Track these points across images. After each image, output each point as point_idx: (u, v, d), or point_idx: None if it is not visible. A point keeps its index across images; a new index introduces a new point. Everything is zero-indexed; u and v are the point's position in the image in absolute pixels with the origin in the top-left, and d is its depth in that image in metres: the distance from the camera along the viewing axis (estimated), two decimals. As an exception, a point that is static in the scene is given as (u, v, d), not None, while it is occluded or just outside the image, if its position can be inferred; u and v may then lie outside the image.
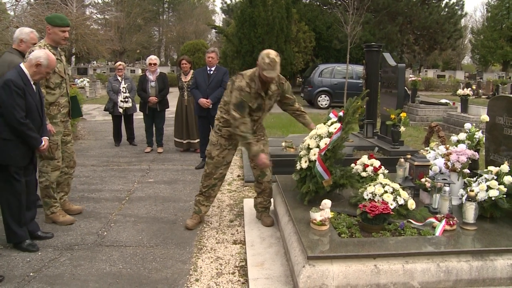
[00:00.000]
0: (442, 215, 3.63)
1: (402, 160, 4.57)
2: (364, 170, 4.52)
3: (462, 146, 4.35)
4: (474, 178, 4.08)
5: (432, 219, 3.58)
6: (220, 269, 3.95)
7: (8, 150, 4.01)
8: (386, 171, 4.53)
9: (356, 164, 4.64)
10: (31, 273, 3.85)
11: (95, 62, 46.62)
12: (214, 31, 50.70)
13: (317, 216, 3.50)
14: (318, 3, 30.72)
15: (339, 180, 4.10)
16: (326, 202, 3.55)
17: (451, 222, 3.49)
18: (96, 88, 23.96)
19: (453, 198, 3.97)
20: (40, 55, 4.14)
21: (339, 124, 4.10)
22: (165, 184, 6.67)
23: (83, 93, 18.60)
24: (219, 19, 62.54)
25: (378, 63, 8.27)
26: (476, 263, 3.16)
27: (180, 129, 8.84)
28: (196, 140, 8.66)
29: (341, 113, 4.22)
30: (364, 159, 4.62)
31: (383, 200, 3.68)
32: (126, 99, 9.17)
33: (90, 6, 41.75)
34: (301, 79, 28.86)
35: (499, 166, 3.97)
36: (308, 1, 31.10)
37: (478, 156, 4.45)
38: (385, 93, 7.91)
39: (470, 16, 54.74)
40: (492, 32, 40.99)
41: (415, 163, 4.38)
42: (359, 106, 4.22)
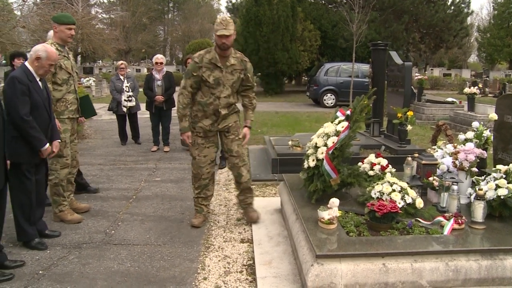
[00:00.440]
0: (451, 214, 3.62)
1: (410, 158, 4.56)
2: (372, 168, 4.52)
3: (470, 145, 4.33)
4: (483, 177, 4.07)
5: (440, 218, 3.57)
6: (228, 267, 3.96)
7: (18, 147, 4.04)
8: (394, 170, 4.52)
9: (363, 163, 4.64)
10: (40, 271, 3.87)
11: (101, 61, 46.73)
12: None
13: (325, 214, 3.50)
14: (324, 2, 30.67)
15: (346, 179, 4.10)
16: (334, 201, 3.55)
17: (459, 221, 3.48)
18: (102, 87, 24.03)
19: (461, 197, 3.96)
20: (38, 48, 4.19)
21: (346, 123, 4.10)
22: (172, 183, 6.68)
23: (89, 92, 18.65)
24: (224, 18, 62.43)
25: (384, 61, 8.26)
26: (485, 262, 3.14)
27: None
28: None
29: (348, 112, 4.21)
30: (371, 157, 4.62)
31: (391, 198, 3.67)
32: (129, 98, 9.20)
33: (96, 6, 41.91)
34: (306, 78, 28.83)
35: (507, 165, 3.96)
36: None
37: (486, 154, 4.43)
38: (391, 92, 7.90)
39: (476, 14, 54.52)
40: (499, 30, 40.74)
41: (423, 162, 4.37)
42: (367, 104, 4.21)
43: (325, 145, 4.05)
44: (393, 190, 3.75)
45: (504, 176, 3.83)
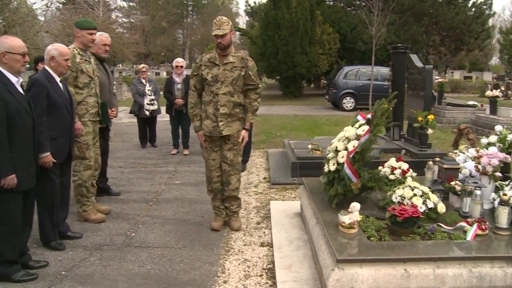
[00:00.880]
0: (474, 219, 3.56)
1: (431, 162, 4.51)
2: (392, 173, 4.47)
3: (493, 149, 4.27)
4: (507, 182, 4.01)
5: (463, 223, 3.51)
6: (248, 271, 3.96)
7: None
8: (414, 174, 4.47)
9: (384, 167, 4.59)
10: (63, 272, 3.94)
11: (121, 65, 47.21)
12: (238, 33, 50.87)
13: (346, 219, 3.48)
14: (342, 5, 30.53)
15: (367, 183, 4.08)
16: (355, 205, 3.53)
17: (483, 226, 3.42)
18: (122, 91, 24.27)
19: (485, 202, 3.90)
20: (49, 49, 4.30)
21: (367, 127, 4.07)
22: (191, 186, 6.72)
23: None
24: (242, 22, 62.72)
25: (404, 64, 8.19)
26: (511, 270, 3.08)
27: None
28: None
29: (369, 115, 4.19)
30: (392, 161, 4.57)
31: (412, 203, 3.63)
32: (152, 102, 9.29)
33: (116, 10, 42.39)
34: (325, 81, 28.74)
35: (532, 170, 3.89)
36: (332, 2, 30.94)
37: (510, 159, 4.36)
38: (411, 95, 7.83)
39: (499, 16, 53.49)
40: (522, 32, 40.09)
41: (444, 166, 4.32)
42: (388, 108, 4.18)
43: (346, 149, 4.03)
44: (415, 195, 3.71)
45: (528, 181, 3.77)
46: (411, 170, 4.45)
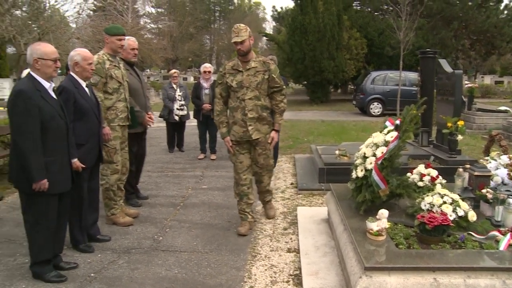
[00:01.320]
0: (506, 228, 3.49)
1: (461, 169, 4.43)
2: (421, 179, 4.40)
3: (526, 156, 4.18)
4: (541, 190, 3.92)
5: (495, 233, 3.44)
6: (275, 277, 3.96)
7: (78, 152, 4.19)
8: (444, 181, 4.40)
9: (412, 174, 4.54)
10: (92, 274, 4.00)
11: (149, 70, 47.87)
12: (265, 38, 51.00)
13: (374, 226, 3.45)
14: (370, 10, 30.33)
15: (395, 190, 4.03)
16: (383, 212, 3.49)
17: (516, 236, 3.35)
18: (150, 96, 24.56)
19: (517, 211, 3.81)
20: (71, 55, 4.35)
21: (396, 133, 4.04)
22: (218, 190, 6.75)
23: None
24: (269, 27, 63.03)
25: (433, 69, 8.08)
26: (546, 282, 2.97)
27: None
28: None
29: (397, 122, 4.15)
30: (420, 168, 4.51)
31: (441, 211, 3.58)
32: (181, 107, 9.39)
33: (145, 16, 43.08)
34: (353, 87, 28.56)
35: None
36: (359, 7, 30.78)
37: (544, 166, 4.26)
38: (441, 101, 7.73)
39: (531, 19, 52.32)
40: (556, 35, 39.00)
41: (475, 173, 4.24)
42: (416, 114, 4.14)
43: (374, 155, 4.01)
44: (444, 202, 3.66)
45: None
46: (440, 177, 4.39)
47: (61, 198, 3.89)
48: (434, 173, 4.38)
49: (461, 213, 3.58)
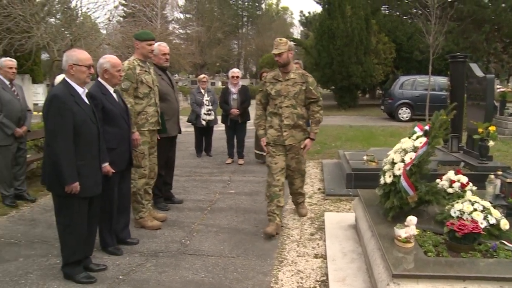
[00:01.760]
0: (540, 237, 3.41)
1: (493, 176, 4.35)
2: (451, 186, 4.34)
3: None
4: None
5: (529, 241, 3.37)
6: (301, 282, 3.95)
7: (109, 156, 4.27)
8: (474, 188, 4.32)
9: (441, 180, 4.48)
10: (120, 276, 4.07)
11: (177, 75, 48.36)
12: (292, 43, 50.93)
13: (402, 232, 3.41)
14: (398, 14, 29.99)
15: (424, 196, 3.98)
16: (412, 219, 3.45)
17: (551, 245, 3.26)
18: (178, 100, 24.78)
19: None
20: (101, 62, 4.41)
21: (425, 139, 3.99)
22: (246, 195, 6.78)
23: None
24: (297, 32, 63.02)
25: (463, 74, 7.96)
26: None
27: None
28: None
29: (427, 127, 4.10)
30: (450, 174, 4.45)
31: (472, 218, 3.51)
32: (209, 112, 9.44)
33: (173, 22, 43.54)
34: (381, 92, 28.27)
35: None
36: (388, 11, 30.49)
37: None
38: (471, 106, 7.60)
39: None
40: None
41: (508, 180, 4.16)
42: (447, 119, 4.08)
43: (403, 161, 3.97)
44: (475, 210, 3.59)
45: None
46: (470, 184, 4.32)
47: (92, 202, 3.98)
48: (464, 179, 4.31)
49: (492, 221, 3.51)
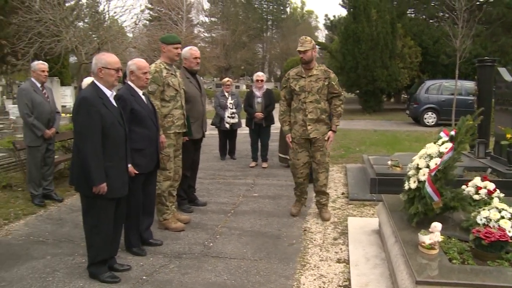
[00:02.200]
0: None
1: (521, 183, 4.28)
2: (477, 192, 4.28)
3: None
4: None
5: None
6: (323, 287, 3.94)
7: (137, 158, 4.35)
8: (502, 195, 4.26)
9: (467, 186, 4.42)
10: (144, 277, 4.13)
11: (202, 78, 48.55)
12: (317, 47, 50.80)
13: (426, 239, 3.39)
14: (425, 17, 29.68)
15: (449, 202, 3.94)
16: (436, 225, 3.43)
17: None
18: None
19: None
20: (129, 64, 4.52)
21: (450, 144, 3.95)
22: (269, 199, 6.79)
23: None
24: (322, 35, 62.87)
25: (491, 78, 7.84)
26: None
27: (284, 144, 8.95)
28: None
29: (452, 132, 4.06)
30: (476, 181, 4.39)
31: (499, 226, 3.46)
32: (232, 115, 9.48)
33: (198, 26, 43.85)
34: (406, 96, 27.98)
35: None
36: (414, 15, 30.18)
37: None
38: (499, 111, 7.47)
39: None
40: None
41: (536, 188, 4.09)
42: (473, 124, 4.04)
43: (428, 166, 3.93)
44: (502, 217, 3.54)
45: None
46: (498, 191, 4.25)
47: (118, 203, 4.05)
48: (491, 186, 4.25)
49: (520, 229, 3.45)
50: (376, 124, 18.45)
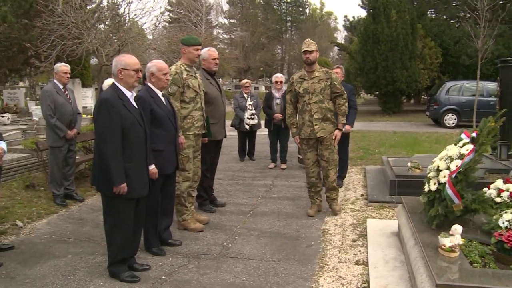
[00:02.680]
0: None
1: (544, 186, 4.21)
2: (499, 195, 4.23)
3: None
4: None
5: None
6: (342, 289, 3.94)
7: (157, 159, 4.38)
8: (525, 198, 4.20)
9: (489, 188, 4.36)
10: (163, 276, 4.17)
11: (221, 79, 48.93)
12: (336, 48, 50.68)
13: (446, 241, 3.35)
14: (445, 17, 29.35)
15: (470, 205, 3.89)
16: (457, 228, 3.39)
17: None
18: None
19: None
20: (148, 66, 4.56)
21: (471, 146, 3.91)
22: (288, 200, 6.79)
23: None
24: (341, 37, 62.61)
25: (514, 79, 7.72)
26: None
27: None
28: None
29: (474, 134, 4.02)
30: (498, 183, 4.33)
31: (522, 229, 3.42)
32: (252, 116, 9.49)
33: (217, 27, 44.16)
34: (426, 97, 27.70)
35: None
36: (434, 15, 29.86)
37: None
38: (522, 112, 7.35)
39: None
40: None
41: (560, 190, 4.02)
42: (495, 126, 3.98)
43: (448, 168, 3.90)
44: (525, 220, 3.49)
45: None
46: (521, 193, 4.19)
47: (138, 203, 4.10)
48: (513, 188, 4.19)
49: (544, 233, 3.39)
50: (396, 126, 18.30)
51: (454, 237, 3.36)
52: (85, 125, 9.57)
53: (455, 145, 4.08)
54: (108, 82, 6.20)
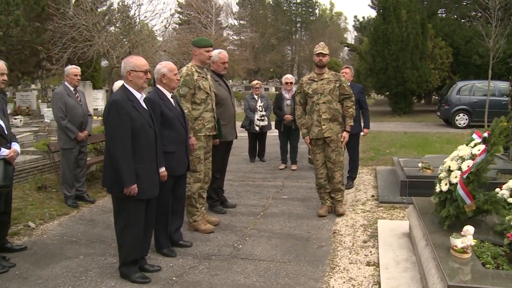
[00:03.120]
0: None
1: (557, 186, 4.17)
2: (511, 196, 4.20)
3: None
4: None
5: None
6: (353, 290, 3.93)
7: (167, 161, 4.39)
8: (538, 199, 4.16)
9: (501, 189, 4.33)
10: (174, 277, 4.18)
11: (231, 80, 49.00)
12: (346, 49, 50.59)
13: (458, 242, 3.33)
14: (456, 17, 29.15)
15: (482, 206, 3.86)
16: (469, 229, 3.36)
17: None
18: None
19: None
20: (158, 68, 4.56)
21: (483, 146, 3.88)
22: (298, 201, 6.79)
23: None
24: (351, 37, 62.47)
25: (526, 79, 7.66)
26: None
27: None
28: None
29: (485, 134, 3.99)
30: (511, 183, 4.30)
31: (535, 230, 3.39)
32: (262, 117, 9.49)
33: (227, 28, 44.20)
34: (437, 97, 27.53)
35: None
36: (445, 15, 29.68)
37: None
38: (535, 112, 7.30)
39: None
40: None
41: None
42: (507, 126, 3.95)
43: (459, 168, 3.87)
44: (538, 222, 3.46)
45: None
46: (533, 194, 4.15)
47: (149, 204, 4.11)
48: (526, 189, 4.16)
49: (558, 234, 3.36)
50: (406, 126, 18.22)
51: (466, 238, 3.33)
52: (96, 127, 9.64)
53: (467, 145, 4.05)
54: (118, 84, 6.24)
